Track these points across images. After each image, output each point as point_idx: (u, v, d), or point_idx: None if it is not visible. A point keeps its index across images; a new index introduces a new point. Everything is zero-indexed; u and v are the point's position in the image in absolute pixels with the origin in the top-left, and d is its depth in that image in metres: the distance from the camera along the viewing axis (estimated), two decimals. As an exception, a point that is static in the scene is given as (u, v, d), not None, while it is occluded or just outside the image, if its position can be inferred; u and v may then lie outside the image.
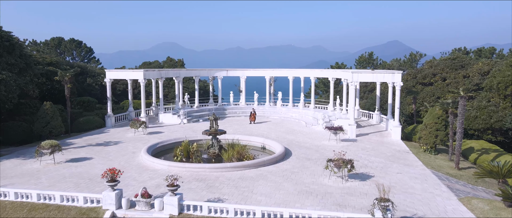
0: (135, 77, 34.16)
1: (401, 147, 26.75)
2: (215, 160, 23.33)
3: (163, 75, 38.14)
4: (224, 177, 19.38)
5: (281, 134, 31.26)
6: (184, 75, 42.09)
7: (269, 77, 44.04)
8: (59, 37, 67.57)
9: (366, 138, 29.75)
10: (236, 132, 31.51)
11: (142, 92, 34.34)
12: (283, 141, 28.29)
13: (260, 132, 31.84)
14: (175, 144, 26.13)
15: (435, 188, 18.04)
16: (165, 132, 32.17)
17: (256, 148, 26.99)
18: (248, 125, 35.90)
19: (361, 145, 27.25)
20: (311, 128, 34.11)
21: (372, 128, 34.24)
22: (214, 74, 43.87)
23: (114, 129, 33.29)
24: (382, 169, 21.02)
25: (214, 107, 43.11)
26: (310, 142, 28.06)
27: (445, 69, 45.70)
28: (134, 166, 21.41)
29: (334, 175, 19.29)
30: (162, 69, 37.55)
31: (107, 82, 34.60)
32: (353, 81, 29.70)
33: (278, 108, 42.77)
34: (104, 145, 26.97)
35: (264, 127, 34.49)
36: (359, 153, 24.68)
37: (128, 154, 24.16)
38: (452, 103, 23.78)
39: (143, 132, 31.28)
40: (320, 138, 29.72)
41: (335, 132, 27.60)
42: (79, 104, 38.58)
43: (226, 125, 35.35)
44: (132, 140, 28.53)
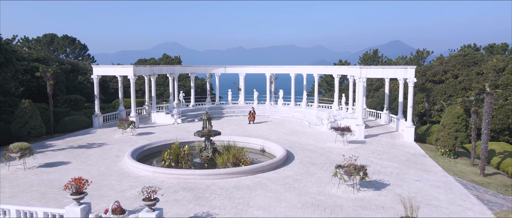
0: (125, 73, 31.57)
1: (416, 149, 24.08)
2: (208, 165, 20.73)
3: (156, 72, 35.55)
4: (217, 185, 16.76)
5: (283, 135, 28.63)
6: (179, 72, 39.49)
7: (269, 74, 41.42)
8: (51, 33, 65.08)
9: (375, 139, 27.09)
10: (234, 133, 28.91)
11: (132, 89, 31.74)
12: (284, 143, 25.67)
13: (260, 133, 29.23)
14: (165, 147, 23.52)
15: (463, 199, 15.37)
16: (156, 132, 29.59)
17: (254, 150, 24.37)
18: (247, 125, 33.29)
19: (371, 147, 24.59)
20: (315, 129, 31.46)
21: (381, 128, 31.57)
22: (211, 71, 41.25)
23: (102, 130, 30.71)
24: (397, 176, 18.36)
25: (211, 106, 40.51)
26: (314, 144, 25.43)
27: (457, 65, 42.96)
28: (115, 172, 18.80)
29: (344, 183, 16.64)
30: (155, 65, 35.02)
31: (94, 79, 32.02)
32: (361, 77, 27.04)
33: (279, 107, 40.15)
34: (87, 147, 24.38)
35: (264, 128, 31.87)
36: (370, 157, 22.03)
37: (111, 158, 21.56)
38: (476, 100, 21.10)
39: (132, 133, 28.69)
40: (325, 139, 27.08)
41: (342, 133, 24.95)
42: (66, 102, 36.03)
43: (223, 125, 32.76)
44: (118, 142, 25.94)
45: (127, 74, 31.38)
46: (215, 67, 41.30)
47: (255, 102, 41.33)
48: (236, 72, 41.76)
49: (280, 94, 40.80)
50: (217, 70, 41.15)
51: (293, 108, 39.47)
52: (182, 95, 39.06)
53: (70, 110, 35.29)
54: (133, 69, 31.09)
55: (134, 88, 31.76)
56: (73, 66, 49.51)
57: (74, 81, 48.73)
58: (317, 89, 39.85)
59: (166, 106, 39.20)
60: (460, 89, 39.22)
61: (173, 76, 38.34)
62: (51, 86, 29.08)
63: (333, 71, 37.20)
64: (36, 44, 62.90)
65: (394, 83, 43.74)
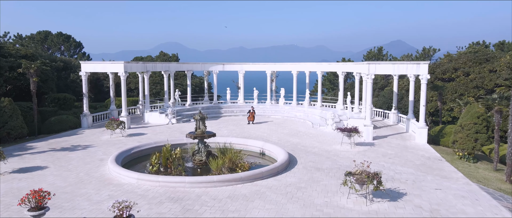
0: (115, 70, 29.45)
1: (430, 153, 21.92)
2: (202, 170, 18.62)
3: (149, 69, 33.44)
4: (209, 195, 14.64)
5: (284, 136, 26.50)
6: (174, 69, 37.39)
7: (270, 71, 39.29)
8: (45, 30, 62.97)
9: (384, 141, 24.94)
10: (231, 134, 26.80)
11: (122, 87, 29.63)
12: (286, 145, 23.55)
13: (259, 134, 27.11)
14: (156, 149, 21.43)
15: (494, 212, 13.21)
16: (148, 133, 27.50)
17: (253, 154, 22.25)
18: (246, 125, 31.17)
19: (381, 150, 22.44)
20: (318, 130, 29.32)
21: (390, 129, 29.41)
22: (209, 68, 39.14)
23: (90, 130, 28.62)
24: (414, 184, 16.21)
25: (208, 105, 38.40)
26: (318, 147, 23.29)
27: (468, 63, 40.74)
28: (95, 179, 16.69)
29: (355, 193, 14.51)
30: (148, 61, 32.92)
31: (82, 76, 29.93)
32: (370, 74, 24.89)
33: (281, 106, 38.02)
34: (70, 150, 22.28)
35: (264, 128, 29.74)
36: (381, 161, 19.89)
37: (94, 162, 19.45)
38: (499, 98, 18.93)
39: (121, 134, 26.60)
40: (330, 141, 24.94)
41: (349, 135, 22.81)
42: (54, 101, 33.94)
43: (221, 126, 30.66)
44: (105, 144, 23.85)
45: (118, 71, 29.27)
46: (213, 64, 39.19)
47: (255, 101, 39.22)
48: (235, 69, 39.67)
49: (282, 93, 38.70)
50: (215, 68, 39.04)
51: (295, 107, 37.35)
52: (177, 93, 36.98)
53: (58, 109, 33.21)
54: (123, 66, 28.98)
55: (125, 86, 29.66)
56: (66, 63, 47.42)
57: (67, 79, 46.65)
58: (321, 87, 37.67)
59: (160, 105, 37.12)
60: (472, 87, 37.04)
61: (168, 73, 36.24)
62: (34, 83, 26.99)
63: (337, 68, 35.06)
64: (29, 41, 60.84)
65: (401, 81, 41.58)
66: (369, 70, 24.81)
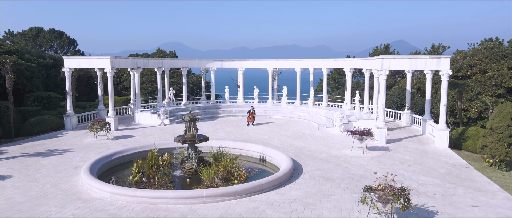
0: (101, 66, 26.78)
1: (455, 159, 19.17)
2: (191, 180, 15.95)
3: (141, 65, 30.76)
4: (196, 214, 11.96)
5: (287, 139, 23.80)
6: (169, 66, 34.70)
7: (272, 69, 36.59)
8: (37, 27, 60.49)
9: (400, 145, 22.22)
10: (228, 137, 24.13)
11: (109, 84, 26.95)
12: (289, 149, 20.85)
13: (260, 137, 24.42)
14: (141, 155, 18.80)
15: (554, 239, 10.49)
16: (136, 136, 24.86)
17: (252, 159, 19.56)
18: (245, 126, 28.48)
19: (398, 156, 19.72)
20: (325, 132, 26.60)
21: (404, 131, 26.69)
22: (206, 65, 36.46)
23: (73, 132, 25.99)
24: (444, 198, 13.50)
25: (205, 105, 35.73)
26: (326, 152, 20.58)
27: (484, 59, 37.94)
28: (63, 191, 14.04)
29: (376, 212, 11.79)
30: (139, 57, 30.31)
31: (65, 72, 27.31)
32: (383, 70, 22.15)
33: (283, 106, 35.32)
34: (44, 155, 19.64)
35: (265, 130, 27.05)
36: (399, 169, 17.17)
37: (67, 170, 16.80)
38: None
39: (106, 136, 23.96)
40: (338, 145, 22.24)
41: (361, 138, 20.09)
42: (37, 100, 31.33)
43: (217, 127, 27.98)
44: (86, 148, 21.21)
45: (104, 67, 26.60)
46: (210, 61, 36.51)
47: (256, 100, 36.53)
48: (234, 67, 36.99)
49: (284, 92, 35.99)
50: (213, 64, 36.36)
51: (298, 107, 34.64)
52: (172, 92, 34.33)
53: (41, 109, 30.62)
54: (110, 61, 26.31)
55: (112, 83, 26.99)
56: (56, 60, 44.87)
57: (57, 77, 44.10)
58: (326, 86, 34.97)
59: (153, 104, 34.46)
60: (490, 86, 34.24)
61: (161, 70, 33.57)
62: (10, 80, 24.36)
63: (345, 64, 32.32)
64: (20, 38, 58.36)
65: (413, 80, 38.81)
66: (382, 65, 22.07)
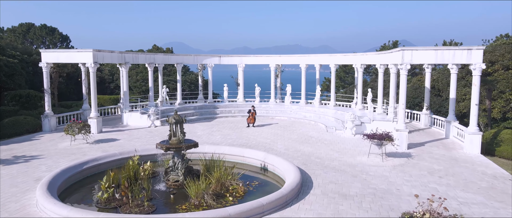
0: (82, 60, 23.80)
1: (493, 169, 16.10)
2: (176, 196, 12.93)
3: (129, 60, 27.77)
4: (174, 249, 8.96)
5: (292, 144, 20.77)
6: (162, 62, 31.70)
7: (274, 65, 33.57)
8: (28, 23, 57.60)
9: (423, 151, 19.17)
10: (225, 141, 21.13)
11: (91, 81, 23.97)
12: (295, 156, 17.84)
13: (261, 141, 21.41)
14: (120, 163, 15.84)
15: None
16: (121, 139, 21.89)
17: (252, 168, 16.56)
18: (244, 129, 25.48)
19: (424, 164, 16.67)
20: (335, 135, 23.56)
21: (424, 134, 23.63)
22: (202, 61, 33.46)
23: (51, 135, 23.05)
24: (498, 225, 10.45)
25: (202, 105, 32.73)
26: (339, 159, 17.54)
27: (506, 55, 34.81)
28: (8, 214, 11.05)
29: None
30: (127, 51, 27.32)
31: (43, 67, 24.37)
32: (404, 64, 19.07)
33: (287, 106, 32.30)
34: (6, 163, 16.67)
35: (267, 133, 24.04)
36: (430, 182, 14.14)
37: (25, 184, 13.83)
38: None
39: (86, 140, 20.98)
40: (352, 150, 19.20)
41: (380, 143, 17.06)
42: (15, 99, 28.41)
43: (213, 130, 24.99)
44: (59, 154, 18.24)
45: (86, 61, 23.63)
46: (208, 57, 33.51)
47: (257, 99, 33.52)
48: (234, 63, 33.99)
49: (288, 90, 32.95)
50: (210, 60, 33.36)
51: (303, 107, 31.60)
52: (165, 90, 31.35)
53: (20, 108, 27.70)
54: (92, 55, 23.33)
55: (94, 80, 24.01)
56: (43, 57, 41.93)
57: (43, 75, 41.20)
58: (334, 83, 31.91)
59: (144, 104, 31.48)
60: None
61: (153, 66, 30.57)
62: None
63: (355, 60, 29.25)
64: (10, 34, 55.45)
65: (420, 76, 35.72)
66: (403, 58, 18.99)
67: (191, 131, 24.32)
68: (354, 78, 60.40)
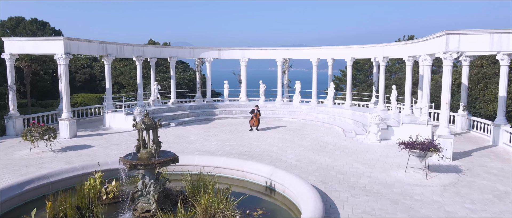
0: (51, 50, 19.87)
1: None
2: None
3: (112, 52, 23.80)
4: None
5: (306, 152, 16.69)
6: (152, 55, 27.71)
7: (281, 59, 29.50)
8: (18, 16, 53.99)
9: (474, 163, 15.02)
10: (222, 149, 17.10)
11: (62, 76, 20.06)
12: (311, 171, 13.77)
13: (266, 149, 17.35)
14: (80, 180, 11.86)
15: None
16: (95, 146, 17.96)
17: (255, 187, 12.55)
18: (246, 132, 21.45)
19: (483, 184, 12.53)
20: (355, 141, 19.43)
21: (463, 140, 19.47)
22: (200, 54, 29.45)
23: (14, 140, 19.15)
24: None
25: (199, 104, 28.75)
26: (368, 174, 13.45)
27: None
28: None
29: None
30: (110, 42, 23.36)
31: (6, 59, 20.45)
32: (449, 52, 14.90)
33: (296, 105, 28.22)
34: None
35: (273, 138, 19.98)
36: (505, 212, 10.03)
37: None
38: None
39: (50, 147, 17.06)
40: (382, 162, 15.10)
41: (423, 155, 12.96)
42: (-20, 97, 24.60)
43: (210, 133, 20.98)
44: (8, 166, 14.31)
45: (56, 52, 19.70)
46: (205, 50, 29.50)
47: (262, 98, 29.48)
48: (235, 57, 29.97)
49: (297, 88, 28.86)
50: (208, 54, 29.35)
51: (315, 107, 27.49)
52: (157, 88, 27.41)
53: (-14, 108, 23.86)
54: (63, 44, 19.40)
55: (66, 74, 20.12)
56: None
57: (27, 72, 37.45)
58: (350, 80, 27.76)
59: (130, 104, 27.56)
60: None
61: (142, 60, 26.60)
62: None
63: (377, 52, 25.08)
64: (-3, 28, 51.92)
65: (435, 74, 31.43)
66: (447, 45, 14.83)
67: (183, 136, 20.37)
68: (367, 76, 56.24)
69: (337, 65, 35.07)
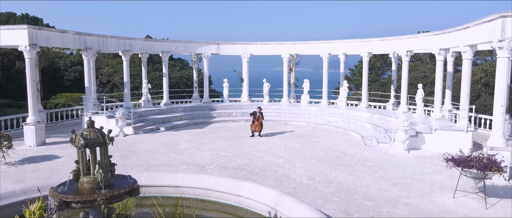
0: (13, 42, 16.68)
1: None
2: None
3: (92, 46, 20.57)
4: None
5: (319, 167, 13.34)
6: (142, 50, 24.51)
7: (288, 55, 26.19)
8: (9, 12, 51.27)
9: (538, 183, 11.60)
10: (216, 162, 13.77)
11: (27, 71, 16.86)
12: (328, 193, 10.42)
13: (270, 161, 14.01)
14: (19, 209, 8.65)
15: None
16: (62, 157, 14.78)
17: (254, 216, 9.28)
18: (247, 139, 18.14)
19: None
20: (378, 150, 16.02)
21: (511, 150, 15.97)
22: (196, 49, 26.20)
23: (-32, 149, 16.01)
24: None
25: (195, 105, 25.53)
26: (404, 200, 10.09)
27: None
28: None
29: None
30: (90, 34, 20.16)
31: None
32: (506, 40, 11.52)
33: (304, 107, 24.89)
34: None
35: (279, 147, 16.64)
36: None
37: None
38: None
39: (4, 158, 13.87)
40: (418, 181, 11.71)
41: (483, 176, 9.61)
42: None
43: (204, 141, 17.70)
44: None
45: (19, 43, 16.51)
46: (202, 44, 26.25)
47: (266, 98, 26.19)
48: (236, 52, 26.72)
49: (305, 87, 25.51)
50: (206, 49, 26.12)
51: (326, 108, 24.13)
52: (147, 87, 24.22)
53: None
54: (28, 34, 16.20)
55: (31, 69, 16.95)
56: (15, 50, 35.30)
57: (11, 69, 34.58)
58: (367, 78, 24.36)
59: (114, 105, 24.35)
60: None
61: (129, 55, 23.36)
62: None
63: (398, 46, 21.65)
64: (-14, 24, 49.19)
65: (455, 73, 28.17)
66: (503, 31, 11.45)
67: (172, 143, 17.14)
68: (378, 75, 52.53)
69: (346, 62, 31.60)
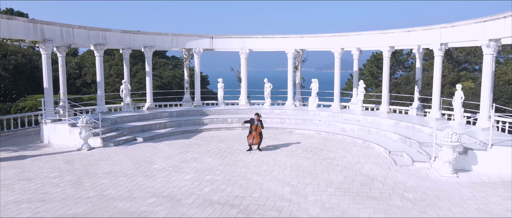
0: None
1: None
2: None
3: (53, 37, 16.69)
4: None
5: (339, 200, 9.41)
6: (120, 44, 20.65)
7: (293, 51, 22.32)
8: (-10, 6, 47.61)
9: None
10: (197, 192, 9.79)
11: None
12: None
13: (271, 192, 10.11)
14: None
15: None
16: (-8, 183, 10.94)
17: None
18: (243, 155, 14.24)
19: None
20: (415, 172, 12.06)
21: None
22: (186, 44, 22.34)
23: None
24: None
25: (184, 110, 21.67)
26: None
27: None
28: None
29: None
30: (50, 22, 16.33)
31: None
32: None
33: (313, 111, 21.00)
34: None
35: (283, 166, 12.73)
36: None
37: None
38: None
39: None
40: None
41: None
42: None
43: (187, 157, 13.80)
44: None
45: None
46: (193, 38, 22.40)
47: (267, 101, 22.32)
48: (233, 48, 22.91)
49: (313, 87, 21.64)
50: (197, 43, 22.28)
51: (339, 113, 20.21)
52: (127, 87, 20.40)
53: None
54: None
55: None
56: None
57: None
58: (387, 77, 20.35)
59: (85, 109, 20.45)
60: None
61: (103, 50, 19.42)
62: None
63: (429, 38, 17.68)
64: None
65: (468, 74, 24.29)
66: None
67: (145, 160, 13.30)
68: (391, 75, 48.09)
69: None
